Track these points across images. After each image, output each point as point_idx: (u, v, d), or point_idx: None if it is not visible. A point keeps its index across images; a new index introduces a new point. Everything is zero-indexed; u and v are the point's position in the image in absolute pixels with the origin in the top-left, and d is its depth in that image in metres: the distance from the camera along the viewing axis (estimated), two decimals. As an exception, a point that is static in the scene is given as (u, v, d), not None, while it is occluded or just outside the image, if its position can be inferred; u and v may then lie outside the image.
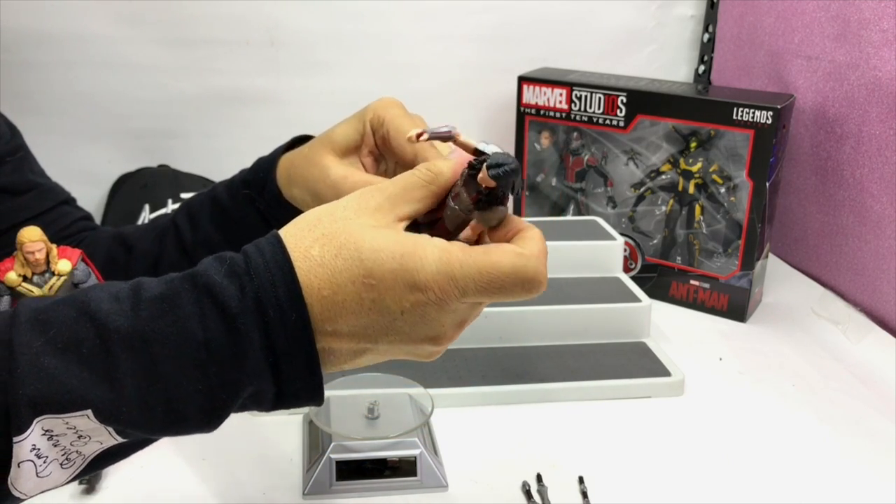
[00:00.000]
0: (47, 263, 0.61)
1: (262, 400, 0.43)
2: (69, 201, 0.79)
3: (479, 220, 0.46)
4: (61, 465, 0.41)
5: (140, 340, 0.40)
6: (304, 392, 0.43)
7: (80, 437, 0.41)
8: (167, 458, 0.71)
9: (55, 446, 0.40)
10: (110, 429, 0.41)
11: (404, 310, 0.42)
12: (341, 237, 0.43)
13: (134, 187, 1.22)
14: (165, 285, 0.42)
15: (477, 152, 0.46)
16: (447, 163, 0.46)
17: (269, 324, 0.41)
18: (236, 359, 0.41)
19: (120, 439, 0.42)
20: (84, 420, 0.40)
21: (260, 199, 0.66)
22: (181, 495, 0.67)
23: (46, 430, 0.40)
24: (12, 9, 1.13)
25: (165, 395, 0.40)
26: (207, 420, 0.42)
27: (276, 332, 0.41)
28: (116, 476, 0.69)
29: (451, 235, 0.47)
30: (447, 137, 0.48)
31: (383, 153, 0.62)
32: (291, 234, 0.43)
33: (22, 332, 0.40)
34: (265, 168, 0.66)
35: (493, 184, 0.43)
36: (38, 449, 0.40)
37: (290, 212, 0.62)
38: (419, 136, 0.49)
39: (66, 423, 0.40)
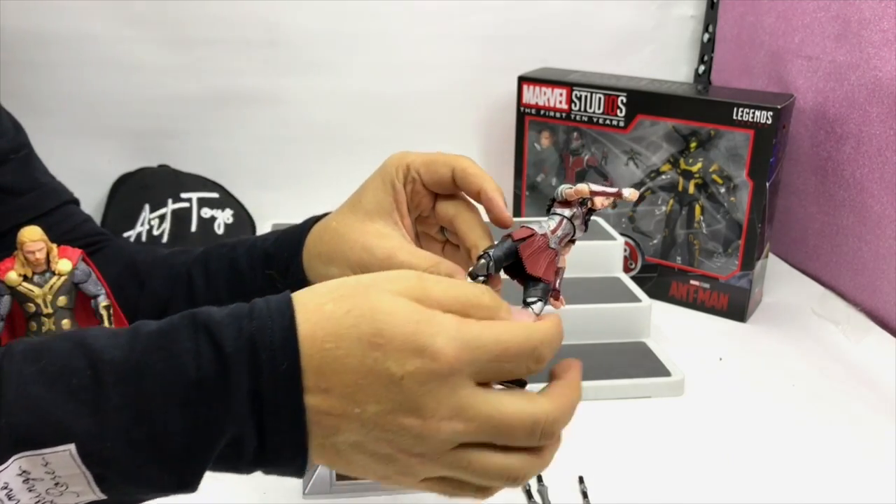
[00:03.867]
0: (48, 263, 0.61)
1: (242, 452, 0.41)
2: (69, 203, 0.78)
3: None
4: None
5: (133, 372, 0.40)
6: (288, 449, 0.41)
7: (56, 483, 0.39)
8: (167, 457, 0.71)
9: (30, 491, 0.39)
10: (90, 476, 0.39)
11: (405, 374, 0.39)
12: (358, 297, 0.41)
13: (134, 187, 1.22)
14: (166, 321, 0.42)
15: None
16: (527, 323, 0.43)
17: (259, 367, 0.40)
18: (222, 399, 0.40)
19: (99, 495, 0.40)
20: (65, 459, 0.39)
21: (282, 280, 0.62)
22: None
23: (24, 471, 0.38)
24: (12, 9, 1.13)
25: (150, 432, 0.39)
26: (187, 464, 0.41)
27: (265, 377, 0.40)
28: (116, 476, 0.69)
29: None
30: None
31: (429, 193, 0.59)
32: (310, 289, 0.42)
33: (14, 361, 0.39)
34: (291, 249, 0.62)
35: None
36: (10, 489, 0.39)
37: None
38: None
39: (46, 464, 0.38)
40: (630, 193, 0.48)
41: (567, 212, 0.49)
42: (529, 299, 0.47)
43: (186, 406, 0.40)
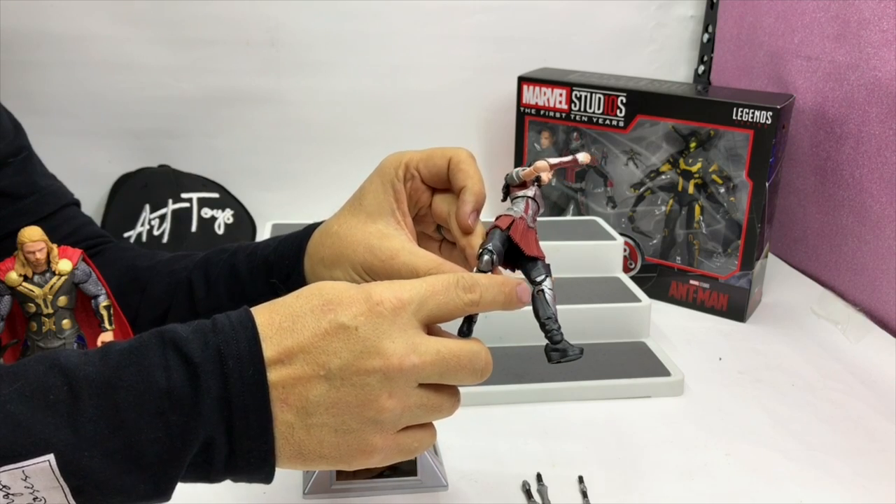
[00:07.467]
0: (48, 263, 0.61)
1: (213, 458, 0.44)
2: (70, 205, 0.78)
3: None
4: None
5: (106, 386, 0.42)
6: (255, 456, 0.44)
7: (35, 498, 0.41)
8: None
9: None
10: (67, 489, 0.41)
11: (358, 324, 0.44)
12: (305, 288, 0.47)
13: (134, 187, 1.22)
14: (135, 340, 0.45)
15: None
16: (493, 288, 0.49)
17: (227, 375, 0.43)
18: (193, 405, 0.42)
19: None
20: (44, 471, 0.40)
21: (284, 288, 0.61)
22: (180, 495, 0.67)
23: (4, 486, 0.40)
24: (12, 9, 1.13)
25: (125, 441, 0.42)
26: (161, 472, 0.43)
27: (233, 384, 0.43)
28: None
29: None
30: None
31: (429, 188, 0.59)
32: (265, 304, 0.47)
33: None
34: (292, 256, 0.63)
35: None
36: None
37: None
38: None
39: (25, 478, 0.40)
40: (583, 157, 0.52)
41: (529, 192, 0.53)
42: (538, 278, 0.49)
43: (159, 415, 0.42)
